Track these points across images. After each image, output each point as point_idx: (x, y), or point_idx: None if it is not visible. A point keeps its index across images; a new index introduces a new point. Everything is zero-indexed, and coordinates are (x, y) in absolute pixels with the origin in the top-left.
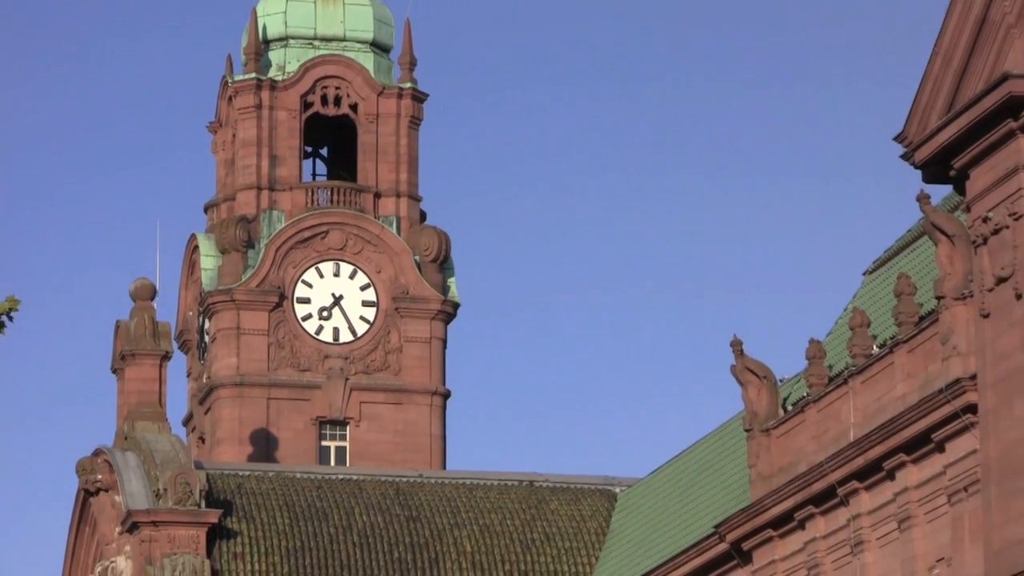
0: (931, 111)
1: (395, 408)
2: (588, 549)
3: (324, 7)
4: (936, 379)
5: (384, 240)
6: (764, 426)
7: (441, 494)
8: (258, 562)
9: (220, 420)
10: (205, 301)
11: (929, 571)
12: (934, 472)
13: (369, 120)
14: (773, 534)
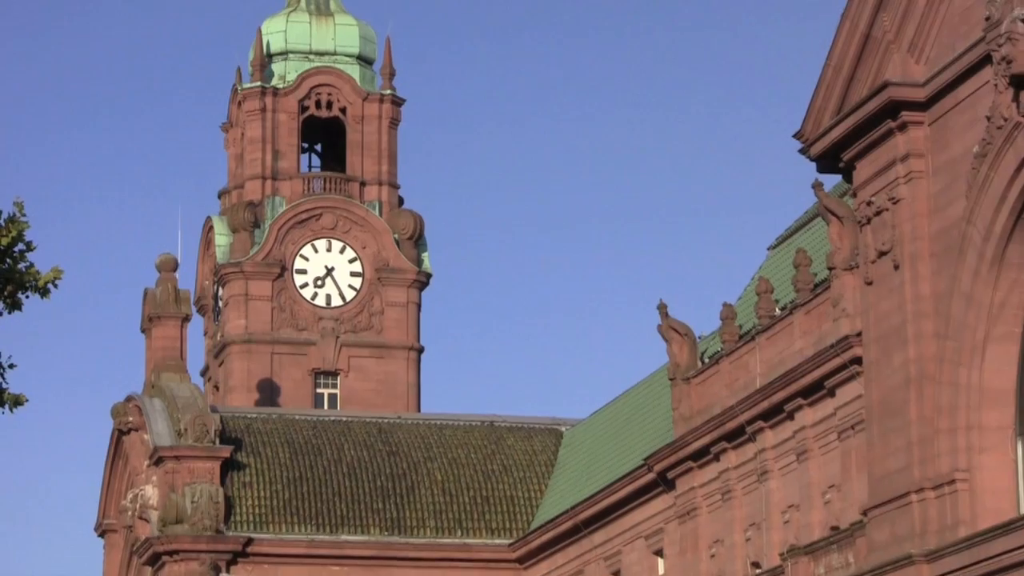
0: (824, 113)
1: (378, 361)
2: (539, 479)
3: (318, 26)
4: (828, 336)
5: (368, 221)
6: (685, 375)
7: (416, 433)
8: (263, 490)
9: (231, 371)
10: (219, 272)
11: (822, 495)
12: (827, 413)
13: (356, 121)
14: (693, 465)
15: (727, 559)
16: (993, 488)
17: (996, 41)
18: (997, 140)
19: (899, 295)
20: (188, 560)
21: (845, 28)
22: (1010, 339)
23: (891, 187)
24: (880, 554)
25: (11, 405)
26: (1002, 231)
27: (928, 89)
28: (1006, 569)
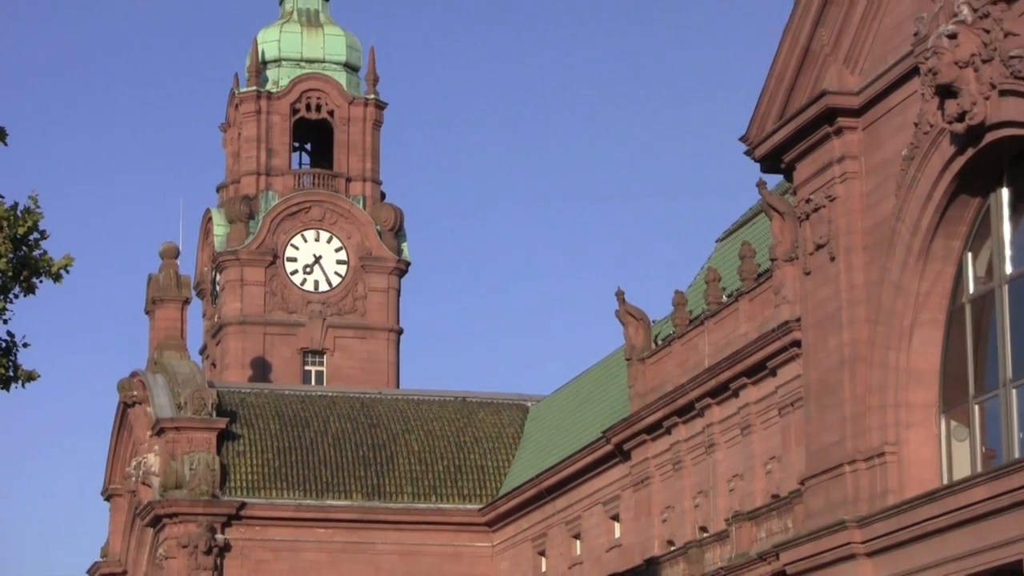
0: (767, 118)
1: (361, 341)
2: (507, 449)
3: (309, 36)
4: (770, 321)
5: (353, 214)
6: (640, 356)
7: (395, 407)
8: (255, 458)
9: (227, 350)
10: (217, 259)
11: (764, 466)
12: (769, 391)
13: (342, 123)
14: (647, 438)
15: (677, 524)
16: (919, 460)
17: (923, 54)
18: (924, 144)
19: (835, 284)
20: (186, 522)
21: (787, 42)
22: (935, 325)
23: (828, 186)
24: (816, 520)
25: (25, 380)
26: (928, 227)
27: (862, 97)
28: (930, 534)
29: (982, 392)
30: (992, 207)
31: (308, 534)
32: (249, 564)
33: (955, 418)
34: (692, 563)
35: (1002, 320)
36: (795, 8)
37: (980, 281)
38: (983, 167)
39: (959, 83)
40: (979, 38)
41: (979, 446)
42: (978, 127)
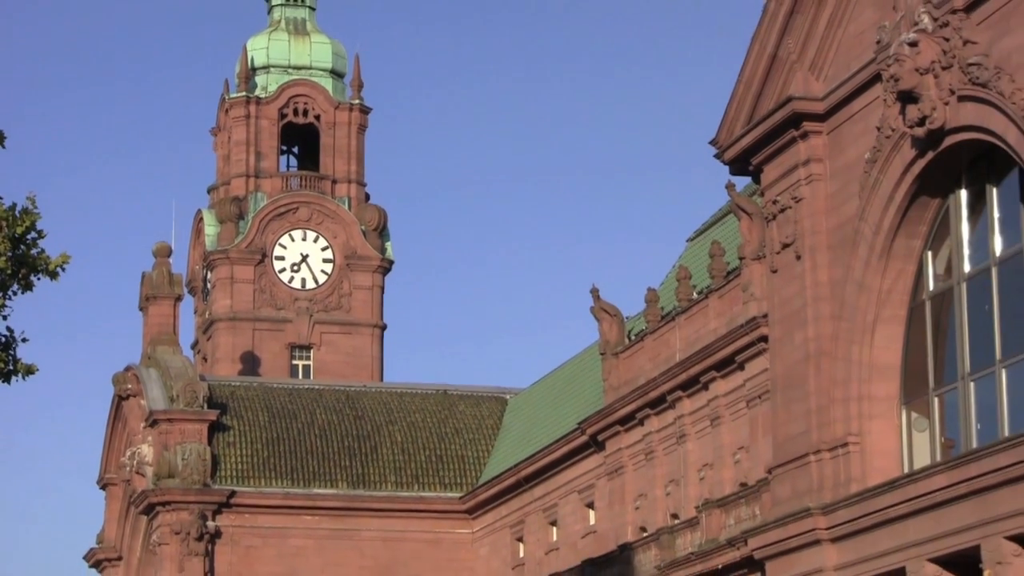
0: (736, 123)
1: (346, 336)
2: (486, 440)
3: (296, 44)
4: (738, 317)
5: (339, 214)
6: (614, 351)
7: (379, 399)
8: (245, 448)
9: (218, 345)
10: (208, 258)
11: (733, 456)
12: (737, 384)
13: (328, 127)
14: (620, 429)
15: (650, 511)
16: (881, 450)
17: (886, 62)
18: (886, 148)
19: (800, 282)
20: (179, 510)
21: (755, 49)
22: (896, 321)
23: (794, 188)
24: (782, 507)
25: (24, 374)
26: (889, 227)
27: (826, 103)
28: (891, 521)
29: (941, 385)
30: (951, 208)
31: (295, 521)
32: (239, 550)
33: (915, 410)
34: (664, 549)
35: (961, 316)
36: (763, 17)
37: (940, 279)
38: (943, 170)
39: (920, 89)
40: (939, 46)
41: (938, 436)
42: (938, 131)
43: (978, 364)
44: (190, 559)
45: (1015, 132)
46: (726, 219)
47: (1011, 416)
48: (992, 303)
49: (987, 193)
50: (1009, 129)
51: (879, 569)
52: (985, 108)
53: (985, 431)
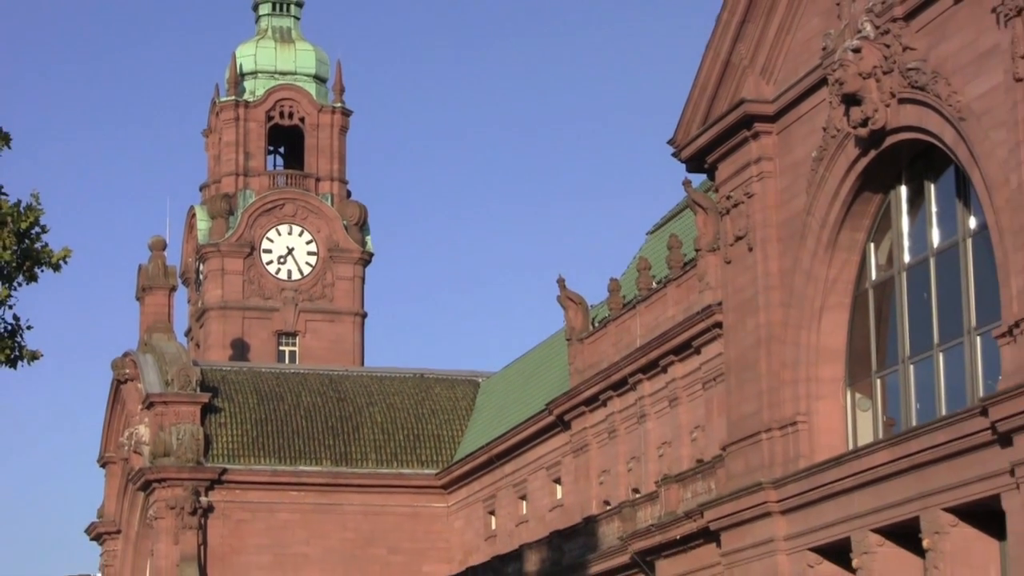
0: (692, 124)
1: (329, 324)
2: (460, 420)
3: (282, 51)
4: (695, 305)
5: (322, 210)
6: (579, 337)
7: (360, 383)
8: (236, 429)
9: (210, 332)
10: (200, 251)
11: (690, 434)
12: (694, 368)
13: (312, 129)
14: (585, 409)
15: (613, 486)
16: (827, 428)
17: (831, 67)
18: (831, 147)
19: (752, 272)
20: (174, 486)
21: (709, 55)
22: (841, 308)
23: (746, 184)
24: (736, 481)
25: (29, 359)
26: (835, 220)
27: (776, 105)
28: (837, 494)
29: (883, 368)
30: (892, 203)
31: (283, 496)
32: (230, 524)
33: (859, 391)
34: (626, 521)
35: (901, 303)
36: (717, 25)
37: (881, 269)
38: (884, 167)
39: (863, 92)
40: (880, 52)
41: (880, 415)
42: (880, 131)
43: (917, 348)
44: (184, 532)
45: (951, 132)
46: (683, 214)
47: (948, 396)
48: (930, 291)
49: (925, 189)
50: (946, 129)
51: (826, 539)
52: (923, 110)
53: (924, 410)
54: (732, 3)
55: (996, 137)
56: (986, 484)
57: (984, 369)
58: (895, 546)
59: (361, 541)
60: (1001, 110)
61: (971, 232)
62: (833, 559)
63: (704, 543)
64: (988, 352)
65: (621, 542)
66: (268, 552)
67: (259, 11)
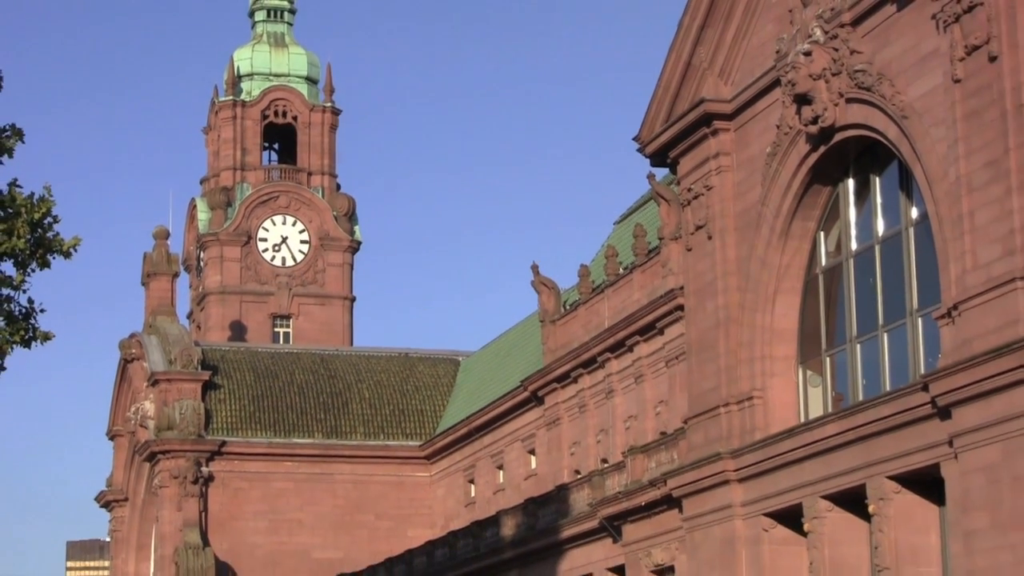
0: (656, 121)
1: (321, 308)
2: (442, 396)
3: (276, 55)
4: (659, 289)
5: (314, 202)
6: (552, 318)
7: (349, 361)
8: (234, 404)
9: (210, 315)
10: (200, 240)
11: (654, 408)
12: (658, 347)
13: (304, 127)
14: (557, 386)
15: (583, 456)
16: (780, 403)
17: (784, 69)
18: (784, 143)
19: (711, 258)
20: (177, 458)
21: (671, 58)
22: (794, 292)
23: (706, 177)
24: (697, 452)
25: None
26: (787, 211)
27: (733, 104)
28: (789, 464)
29: (832, 347)
30: (840, 194)
31: (278, 467)
32: (229, 492)
33: (810, 368)
34: (595, 489)
35: (848, 287)
36: (678, 30)
37: (831, 255)
38: (833, 162)
39: (813, 92)
40: (830, 55)
41: (830, 391)
42: (829, 129)
43: (863, 329)
44: (187, 500)
45: (895, 129)
46: (648, 205)
47: (891, 373)
48: (875, 276)
49: (871, 182)
50: (890, 127)
51: (779, 505)
52: (869, 109)
53: (869, 386)
54: (693, 9)
55: (936, 134)
56: (927, 454)
57: (925, 348)
58: (843, 511)
59: (350, 508)
60: (940, 109)
61: (913, 222)
62: (786, 523)
63: (667, 509)
64: (929, 332)
65: (591, 508)
66: (264, 518)
67: (255, 18)
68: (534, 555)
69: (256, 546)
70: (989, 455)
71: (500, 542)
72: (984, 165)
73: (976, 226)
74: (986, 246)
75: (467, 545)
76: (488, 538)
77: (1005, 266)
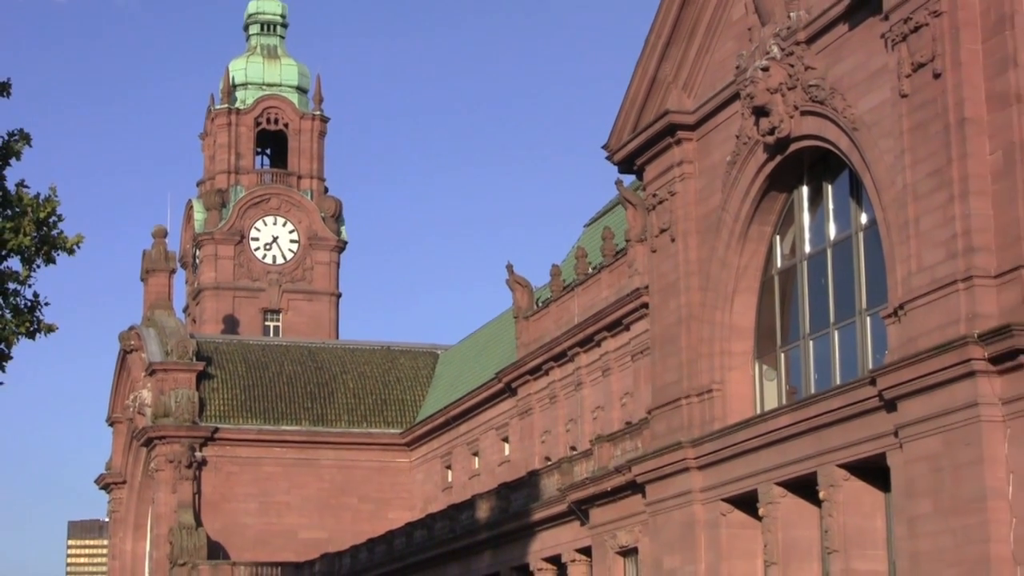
0: (624, 131)
1: (309, 303)
2: (422, 387)
3: (269, 66)
4: (625, 288)
5: (303, 204)
6: (525, 315)
7: (335, 354)
8: (226, 393)
9: (205, 309)
10: (196, 239)
11: (620, 400)
12: (624, 342)
13: (295, 133)
14: (530, 378)
15: (553, 444)
16: (738, 395)
17: (743, 83)
18: (743, 152)
19: (674, 260)
20: (172, 443)
21: (638, 72)
22: (751, 291)
23: (670, 184)
24: (659, 441)
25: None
26: (746, 215)
27: (696, 115)
28: (746, 452)
29: (787, 343)
30: (795, 201)
31: (267, 452)
32: (221, 475)
33: (766, 363)
34: (564, 474)
35: (802, 288)
36: (645, 47)
37: (786, 258)
38: (788, 170)
39: (770, 105)
40: (786, 71)
41: (784, 384)
42: (784, 139)
43: (816, 326)
44: (182, 482)
45: (846, 140)
46: (616, 209)
47: (842, 368)
48: (827, 277)
49: (824, 189)
50: (841, 138)
51: (736, 491)
52: (822, 121)
53: (821, 380)
54: (659, 27)
55: (884, 145)
56: (874, 444)
57: (873, 345)
58: (796, 497)
59: (335, 491)
60: (888, 122)
61: (862, 227)
62: (742, 508)
63: (632, 494)
64: (876, 330)
65: (560, 493)
66: (254, 500)
67: (249, 31)
68: (507, 536)
69: (246, 526)
70: (932, 445)
71: (475, 524)
72: (928, 174)
73: (921, 231)
74: (930, 250)
75: (444, 527)
76: (464, 520)
77: (947, 269)
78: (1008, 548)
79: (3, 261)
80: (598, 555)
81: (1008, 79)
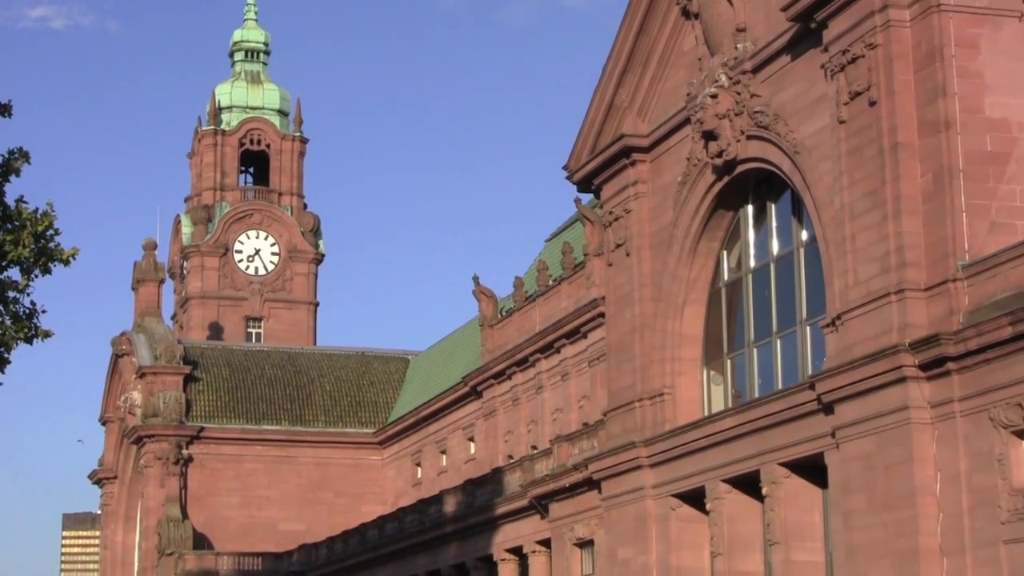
0: (583, 153)
1: (289, 312)
2: (393, 390)
3: (252, 90)
4: (584, 299)
5: (284, 219)
6: (490, 323)
7: (313, 359)
8: (211, 395)
9: (191, 316)
10: (184, 251)
11: (578, 403)
12: (582, 349)
13: (276, 153)
14: (495, 382)
15: (516, 443)
16: (687, 399)
17: (694, 109)
18: (693, 173)
19: (629, 272)
20: (161, 441)
21: (596, 98)
22: (700, 302)
23: (625, 202)
24: (615, 441)
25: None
26: (695, 232)
27: (650, 139)
28: (694, 451)
29: (732, 350)
30: (741, 219)
31: (249, 450)
32: (206, 471)
33: (713, 369)
34: (526, 471)
35: (747, 299)
36: (602, 75)
37: (732, 271)
38: (735, 190)
39: (718, 130)
40: (733, 98)
41: (730, 388)
42: (731, 161)
43: (760, 335)
44: (169, 478)
45: (788, 163)
46: (574, 225)
47: (783, 374)
48: (771, 290)
49: (768, 208)
50: (784, 161)
51: (685, 487)
52: (766, 145)
53: (764, 385)
54: (615, 56)
55: (823, 167)
56: (812, 444)
57: (812, 352)
58: (740, 493)
59: (312, 486)
60: (827, 146)
61: (803, 243)
62: (691, 503)
63: (588, 490)
64: (815, 339)
65: (522, 489)
66: (237, 495)
67: (234, 58)
68: (472, 529)
69: (229, 519)
70: (865, 445)
71: (443, 517)
72: (864, 195)
73: (857, 247)
74: (865, 265)
75: (414, 520)
76: (432, 514)
77: (881, 282)
78: (936, 541)
79: (3, 271)
80: (557, 546)
81: (938, 107)
